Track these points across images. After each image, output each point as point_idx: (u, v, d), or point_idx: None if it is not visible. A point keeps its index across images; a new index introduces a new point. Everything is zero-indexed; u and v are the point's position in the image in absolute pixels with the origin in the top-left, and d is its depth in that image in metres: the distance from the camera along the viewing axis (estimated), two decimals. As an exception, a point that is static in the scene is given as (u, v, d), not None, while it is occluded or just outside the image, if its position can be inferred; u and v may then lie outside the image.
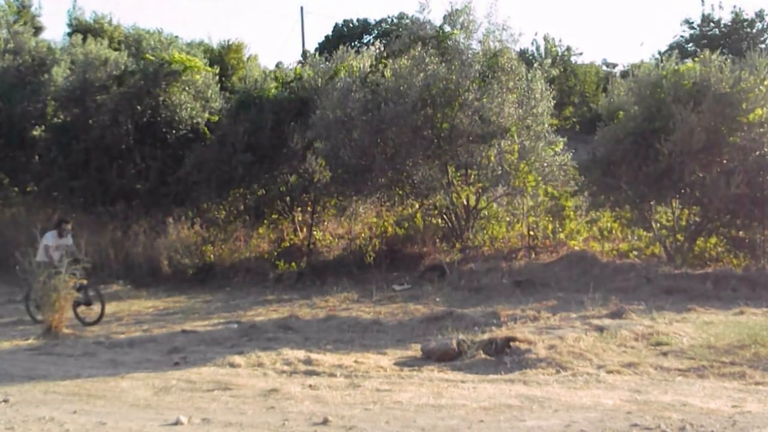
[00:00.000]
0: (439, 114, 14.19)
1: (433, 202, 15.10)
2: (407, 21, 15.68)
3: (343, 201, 16.32)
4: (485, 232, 14.89)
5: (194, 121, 16.80)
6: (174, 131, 16.86)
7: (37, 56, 18.04)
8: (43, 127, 17.30)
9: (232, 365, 8.41)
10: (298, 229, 16.80)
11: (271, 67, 24.03)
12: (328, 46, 30.37)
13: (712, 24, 34.69)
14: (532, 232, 14.49)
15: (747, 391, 6.70)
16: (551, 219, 14.55)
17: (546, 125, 14.83)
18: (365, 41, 35.70)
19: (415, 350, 8.90)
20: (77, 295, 11.58)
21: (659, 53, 28.60)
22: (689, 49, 32.14)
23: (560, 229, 14.36)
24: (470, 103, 14.06)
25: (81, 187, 16.72)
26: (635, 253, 13.59)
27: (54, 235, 11.95)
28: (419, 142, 14.26)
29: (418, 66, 14.09)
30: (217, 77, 17.83)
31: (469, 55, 14.46)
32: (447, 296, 12.30)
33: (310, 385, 7.40)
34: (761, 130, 12.55)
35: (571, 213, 14.62)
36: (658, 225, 13.85)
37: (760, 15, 34.29)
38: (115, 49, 18.38)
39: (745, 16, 34.39)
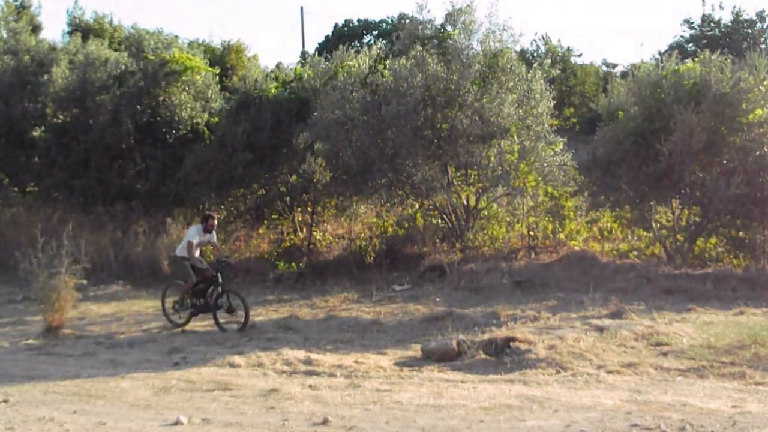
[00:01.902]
0: (439, 114, 14.20)
1: (433, 202, 15.10)
2: (407, 21, 15.62)
3: (343, 201, 16.32)
4: (485, 232, 14.89)
5: (194, 121, 16.79)
6: (174, 131, 16.85)
7: (37, 56, 18.02)
8: (42, 128, 17.28)
9: (232, 365, 8.42)
10: (298, 229, 16.80)
11: (271, 67, 24.01)
12: (328, 46, 30.35)
13: (712, 24, 34.65)
14: (532, 233, 14.49)
15: (747, 391, 6.71)
16: (551, 219, 14.54)
17: (546, 125, 14.84)
18: (365, 41, 35.69)
19: (415, 350, 8.91)
20: (220, 301, 10.67)
21: (659, 53, 28.57)
22: (689, 49, 32.09)
23: (560, 230, 14.36)
24: (470, 104, 14.06)
25: (81, 187, 16.70)
26: (635, 253, 13.59)
27: (199, 230, 11.01)
28: (419, 143, 14.26)
29: (418, 66, 14.09)
30: (218, 77, 17.82)
31: (469, 56, 14.45)
32: (447, 296, 12.30)
33: (310, 385, 7.41)
34: (761, 130, 12.56)
35: (571, 213, 14.62)
36: (658, 225, 13.85)
37: (760, 15, 34.28)
38: (115, 50, 18.36)
39: (746, 17, 34.38)
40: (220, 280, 10.81)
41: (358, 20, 39.01)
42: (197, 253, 11.01)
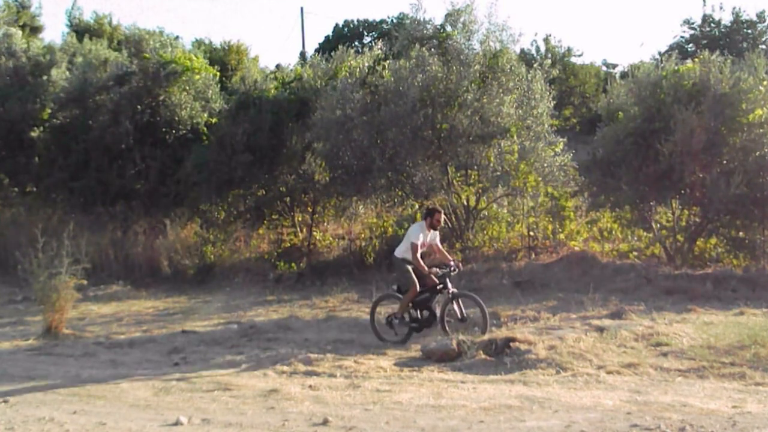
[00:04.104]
0: (439, 114, 14.19)
1: (434, 202, 15.09)
2: (407, 21, 15.62)
3: (343, 201, 16.31)
4: (485, 232, 14.88)
5: (194, 121, 16.78)
6: (174, 131, 16.84)
7: (33, 57, 18.01)
8: (42, 128, 17.28)
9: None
10: (298, 229, 16.80)
11: (272, 67, 24.06)
12: (328, 46, 30.36)
13: (712, 24, 34.70)
14: (532, 233, 14.48)
15: (747, 391, 6.71)
16: (551, 219, 14.54)
17: (546, 126, 14.81)
18: (365, 41, 35.71)
19: (415, 351, 8.91)
20: (449, 309, 9.25)
21: (659, 54, 28.60)
22: (689, 49, 32.14)
23: (560, 230, 14.35)
24: (470, 104, 14.05)
25: (81, 187, 16.70)
26: (635, 253, 13.59)
27: (422, 228, 9.44)
28: (419, 143, 14.25)
29: (418, 66, 14.09)
30: (218, 77, 17.81)
31: (469, 56, 14.45)
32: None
33: (310, 386, 7.41)
34: (761, 130, 12.55)
35: (571, 213, 14.61)
36: (658, 225, 13.84)
37: (760, 16, 34.33)
38: (115, 50, 18.36)
39: (746, 17, 34.43)
40: (449, 285, 9.35)
41: (358, 20, 39.07)
42: (420, 253, 9.35)
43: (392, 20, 37.47)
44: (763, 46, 31.02)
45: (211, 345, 9.67)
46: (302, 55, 32.55)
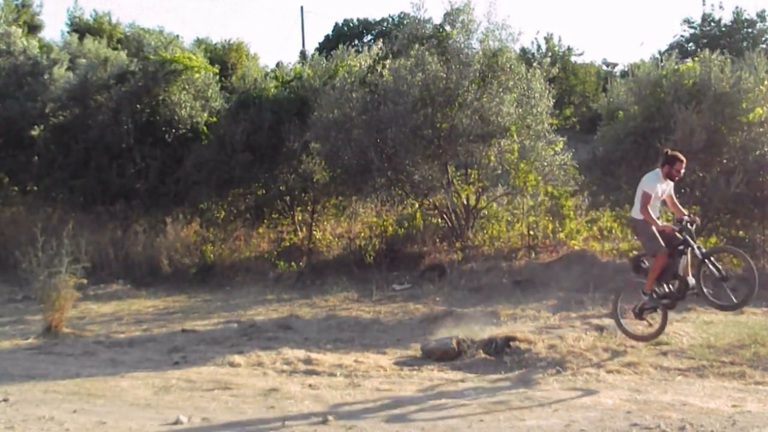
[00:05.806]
0: (439, 114, 14.18)
1: (433, 201, 15.10)
2: (407, 20, 15.62)
3: (343, 201, 16.31)
4: (485, 231, 14.87)
5: (194, 120, 16.76)
6: (174, 130, 16.82)
7: (32, 56, 17.98)
8: (42, 127, 17.26)
9: (231, 365, 8.42)
10: (298, 228, 16.80)
11: (271, 66, 24.03)
12: (328, 45, 30.34)
13: (712, 24, 34.65)
14: (532, 232, 14.48)
15: (747, 390, 6.72)
16: (551, 218, 14.53)
17: (546, 124, 14.80)
18: (365, 41, 35.67)
19: (415, 350, 8.91)
20: (704, 272, 7.76)
21: (659, 53, 28.54)
22: (689, 48, 32.10)
23: (560, 229, 14.34)
24: (470, 103, 14.05)
25: (81, 186, 16.67)
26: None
27: (658, 176, 7.87)
28: (419, 142, 14.25)
29: (418, 66, 14.09)
30: (217, 76, 17.80)
31: (469, 55, 14.44)
32: (447, 296, 12.30)
33: (310, 385, 7.42)
34: (761, 129, 12.55)
35: (571, 212, 14.61)
36: (658, 225, 13.82)
37: (760, 15, 34.28)
38: (114, 48, 18.34)
39: (746, 16, 34.38)
40: (693, 243, 7.78)
41: (358, 20, 38.98)
42: (656, 213, 7.87)
43: (393, 19, 37.46)
44: (764, 46, 30.93)
45: (211, 344, 9.66)
46: (302, 54, 32.50)
